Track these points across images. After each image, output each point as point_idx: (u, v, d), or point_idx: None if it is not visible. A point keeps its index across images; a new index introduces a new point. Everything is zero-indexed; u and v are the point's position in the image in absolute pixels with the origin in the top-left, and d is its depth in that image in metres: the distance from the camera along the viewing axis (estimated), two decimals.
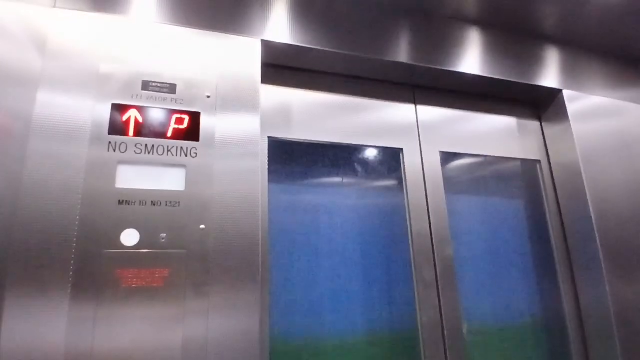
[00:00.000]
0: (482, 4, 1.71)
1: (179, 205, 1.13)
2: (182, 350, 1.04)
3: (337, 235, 1.55)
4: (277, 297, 1.39)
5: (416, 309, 1.51)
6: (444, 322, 1.50)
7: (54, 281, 0.99)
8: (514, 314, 1.71)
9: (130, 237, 1.07)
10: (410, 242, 1.56)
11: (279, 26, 1.45)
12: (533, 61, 1.87)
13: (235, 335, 1.10)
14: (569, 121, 1.81)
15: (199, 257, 1.12)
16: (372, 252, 1.57)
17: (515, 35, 1.87)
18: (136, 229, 1.08)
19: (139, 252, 1.07)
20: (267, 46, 1.42)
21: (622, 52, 2.06)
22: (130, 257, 1.06)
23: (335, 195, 1.59)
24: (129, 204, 1.09)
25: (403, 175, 1.63)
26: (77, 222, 1.04)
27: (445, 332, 1.49)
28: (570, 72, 1.93)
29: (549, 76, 1.87)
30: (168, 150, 1.17)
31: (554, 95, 1.89)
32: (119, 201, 1.08)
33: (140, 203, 1.10)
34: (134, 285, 1.04)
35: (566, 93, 1.86)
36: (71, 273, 1.00)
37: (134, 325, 1.02)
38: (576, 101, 1.86)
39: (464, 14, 1.76)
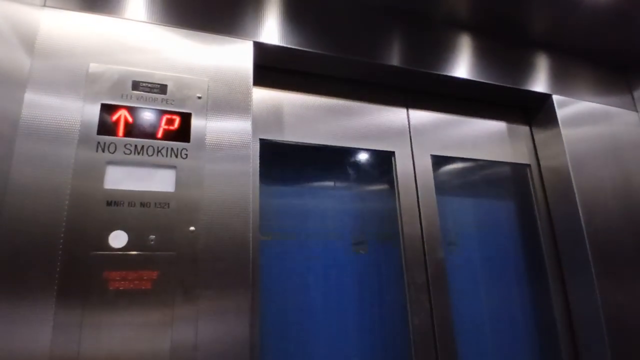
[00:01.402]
0: (474, 10, 1.72)
1: (168, 207, 1.12)
2: (171, 356, 1.02)
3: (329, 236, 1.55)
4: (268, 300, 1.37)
5: (407, 311, 1.50)
6: (435, 324, 1.50)
7: (40, 283, 0.97)
8: (504, 316, 1.71)
9: (118, 239, 1.05)
10: (401, 244, 1.56)
11: (272, 28, 1.45)
12: (523, 67, 1.89)
13: (225, 341, 1.08)
14: (559, 126, 1.83)
15: (188, 259, 1.10)
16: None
17: (506, 41, 1.89)
18: (124, 230, 1.06)
19: (127, 254, 1.05)
20: (260, 48, 1.42)
21: (610, 59, 2.09)
22: (118, 259, 1.04)
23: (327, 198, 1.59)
24: (117, 205, 1.07)
25: (395, 178, 1.63)
26: (64, 223, 1.02)
27: (437, 335, 1.49)
28: (559, 77, 1.95)
29: (539, 81, 1.89)
30: (158, 151, 1.15)
31: (543, 100, 1.91)
32: (108, 202, 1.07)
33: (129, 204, 1.08)
34: (121, 288, 1.02)
35: (556, 98, 1.88)
36: (57, 275, 0.98)
37: (121, 329, 1.00)
38: (566, 106, 1.88)
39: (456, 20, 1.78)
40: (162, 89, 1.21)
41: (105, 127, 1.12)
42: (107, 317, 1.00)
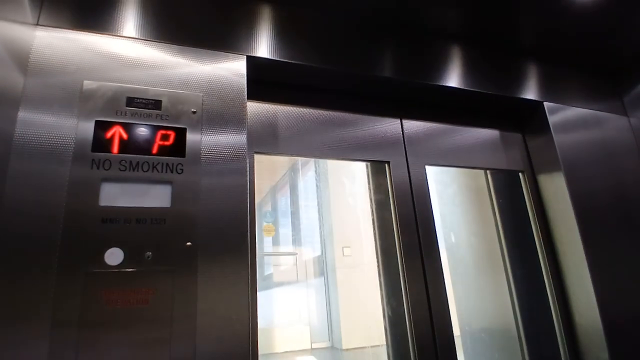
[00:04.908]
0: (465, 20, 1.75)
1: (164, 223, 1.11)
2: None
3: None
4: None
5: (408, 324, 1.49)
6: (436, 335, 1.49)
7: (35, 303, 0.95)
8: (502, 328, 1.71)
9: (114, 256, 1.04)
10: (399, 255, 1.55)
11: (265, 42, 1.46)
12: (515, 75, 1.92)
13: (225, 357, 1.07)
14: (551, 132, 1.84)
15: (185, 275, 1.09)
16: None
17: (497, 50, 1.92)
18: (120, 247, 1.05)
19: (124, 271, 1.04)
20: (253, 62, 1.43)
21: (599, 65, 2.12)
22: (115, 277, 1.03)
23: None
24: (113, 222, 1.06)
25: (390, 188, 1.64)
26: (59, 242, 1.01)
27: (438, 347, 1.48)
28: (550, 85, 1.97)
29: (530, 89, 1.91)
30: (153, 167, 1.15)
31: (535, 108, 1.93)
32: (103, 219, 1.06)
33: (125, 221, 1.08)
34: (118, 306, 1.01)
35: (547, 105, 1.90)
36: (52, 294, 0.97)
37: (118, 348, 0.99)
38: (557, 113, 1.91)
39: (447, 30, 1.80)
40: (157, 104, 1.22)
41: (100, 144, 1.12)
42: (104, 336, 0.98)
